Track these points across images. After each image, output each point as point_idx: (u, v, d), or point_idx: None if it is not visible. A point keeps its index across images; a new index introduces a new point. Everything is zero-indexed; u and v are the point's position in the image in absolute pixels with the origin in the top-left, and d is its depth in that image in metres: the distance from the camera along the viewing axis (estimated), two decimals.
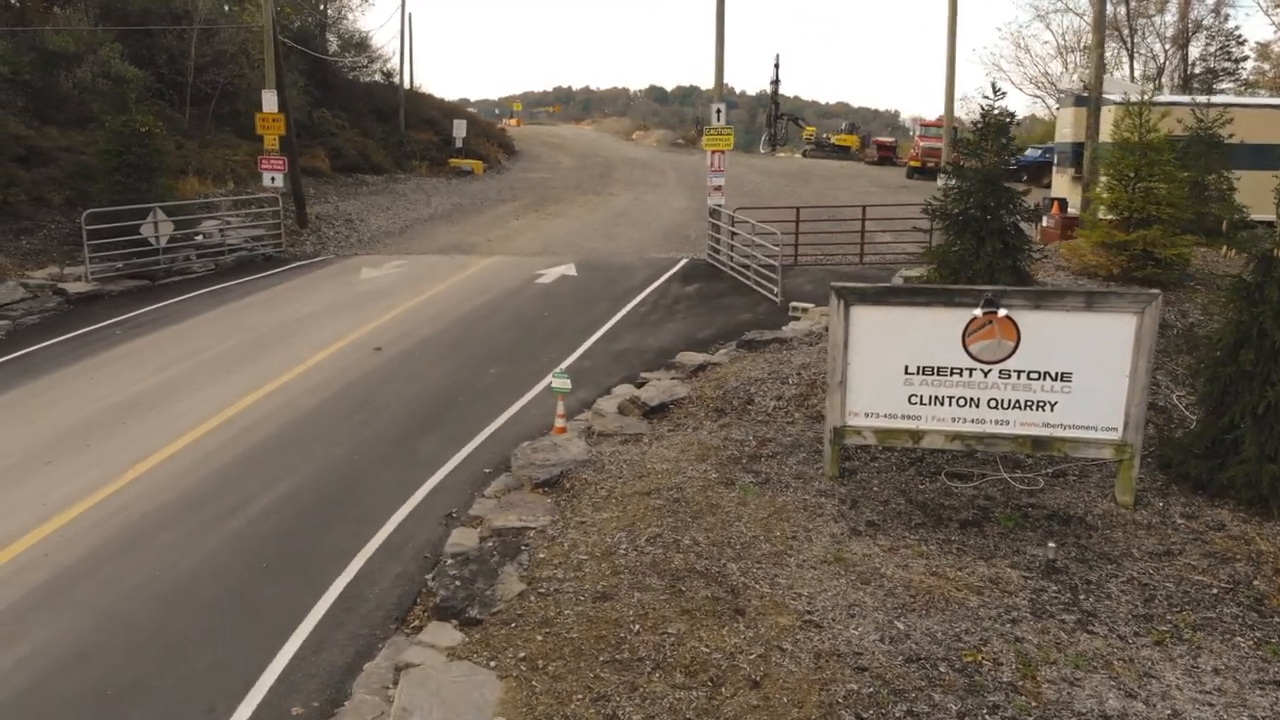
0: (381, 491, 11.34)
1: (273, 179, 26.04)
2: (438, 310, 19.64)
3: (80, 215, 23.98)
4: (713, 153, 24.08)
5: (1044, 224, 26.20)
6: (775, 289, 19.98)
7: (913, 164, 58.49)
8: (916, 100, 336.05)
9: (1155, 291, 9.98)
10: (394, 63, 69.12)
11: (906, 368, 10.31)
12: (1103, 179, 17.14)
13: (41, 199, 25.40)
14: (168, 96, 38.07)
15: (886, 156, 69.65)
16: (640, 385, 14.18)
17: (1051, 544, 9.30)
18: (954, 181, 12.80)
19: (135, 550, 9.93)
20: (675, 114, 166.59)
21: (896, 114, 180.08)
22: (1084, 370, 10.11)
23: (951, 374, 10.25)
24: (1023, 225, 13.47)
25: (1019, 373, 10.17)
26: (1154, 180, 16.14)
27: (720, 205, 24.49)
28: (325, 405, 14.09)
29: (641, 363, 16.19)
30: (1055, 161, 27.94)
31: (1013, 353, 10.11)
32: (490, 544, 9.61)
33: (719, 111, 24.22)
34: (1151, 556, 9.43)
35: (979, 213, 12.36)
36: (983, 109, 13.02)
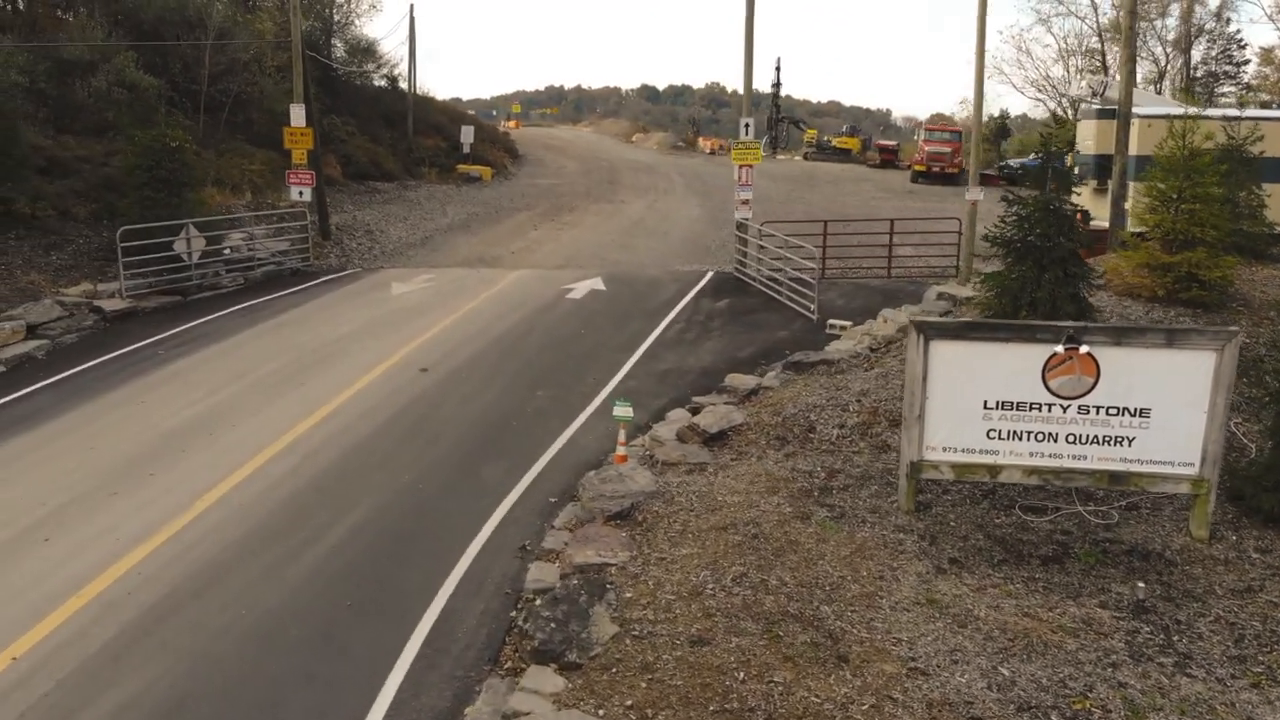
0: (451, 522, 11.36)
1: (300, 193, 26.01)
2: (475, 328, 19.64)
3: (108, 229, 23.98)
4: (741, 166, 24.11)
5: None
6: (811, 306, 20.02)
7: (917, 168, 58.60)
8: (909, 99, 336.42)
9: (1235, 329, 10.05)
10: (400, 68, 69.13)
11: (985, 402, 10.36)
12: (1144, 199, 17.18)
13: (67, 213, 25.32)
14: (181, 105, 37.99)
15: (888, 160, 69.80)
16: (695, 411, 14.20)
17: (1140, 584, 9.37)
18: (1013, 208, 12.85)
19: (217, 587, 9.93)
20: (667, 113, 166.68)
21: (888, 112, 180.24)
22: (1162, 406, 10.17)
23: (1030, 409, 10.30)
24: None
25: (1098, 408, 10.23)
26: (1196, 202, 16.20)
27: (747, 219, 24.54)
28: (382, 430, 14.09)
29: (687, 384, 16.23)
30: (1078, 173, 28.00)
31: (1092, 388, 10.16)
32: (575, 582, 9.62)
33: (747, 126, 24.28)
34: (1234, 594, 9.50)
35: (1039, 241, 12.42)
36: (1042, 135, 13.05)
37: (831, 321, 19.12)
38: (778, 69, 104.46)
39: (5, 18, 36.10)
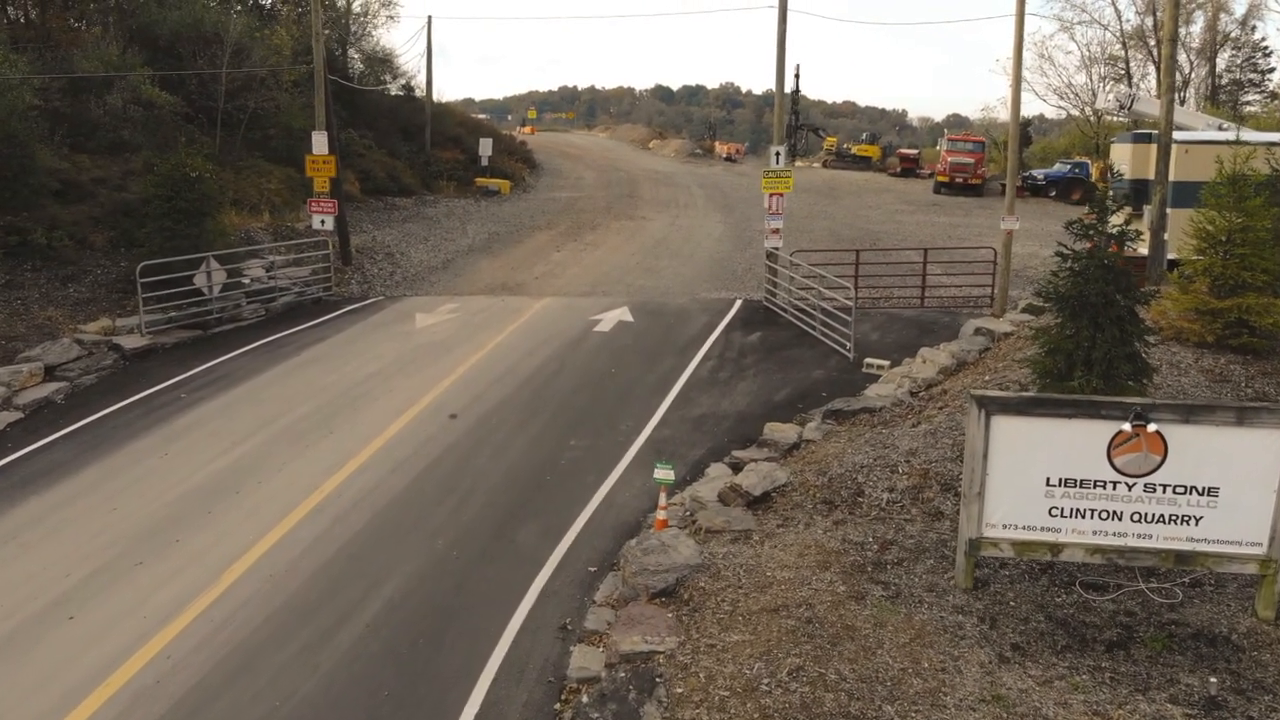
0: (489, 596, 10.99)
1: (323, 222, 25.67)
2: (504, 366, 19.28)
3: (126, 258, 23.72)
4: (771, 195, 23.69)
5: None
6: (847, 344, 19.57)
7: (939, 178, 58.05)
8: (925, 101, 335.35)
9: None
10: (418, 79, 69.00)
11: (1048, 479, 9.93)
12: (1189, 240, 16.67)
13: (85, 241, 25.06)
14: (198, 121, 37.77)
15: (909, 168, 69.25)
16: (736, 467, 13.81)
17: (1212, 679, 8.92)
18: (1068, 263, 12.38)
19: (250, 674, 9.58)
20: (681, 114, 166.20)
21: (904, 113, 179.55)
22: (1231, 485, 9.74)
23: (1095, 486, 9.87)
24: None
25: (1165, 486, 9.79)
26: (1246, 246, 15.71)
27: (778, 248, 24.12)
28: (414, 487, 13.73)
29: (724, 431, 15.84)
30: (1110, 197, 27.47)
31: (1159, 466, 9.73)
32: (621, 674, 9.23)
33: (778, 155, 23.85)
34: None
35: (1097, 298, 11.96)
36: (1104, 181, 12.56)
37: (869, 361, 18.69)
38: (796, 75, 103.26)
39: (19, 30, 35.86)
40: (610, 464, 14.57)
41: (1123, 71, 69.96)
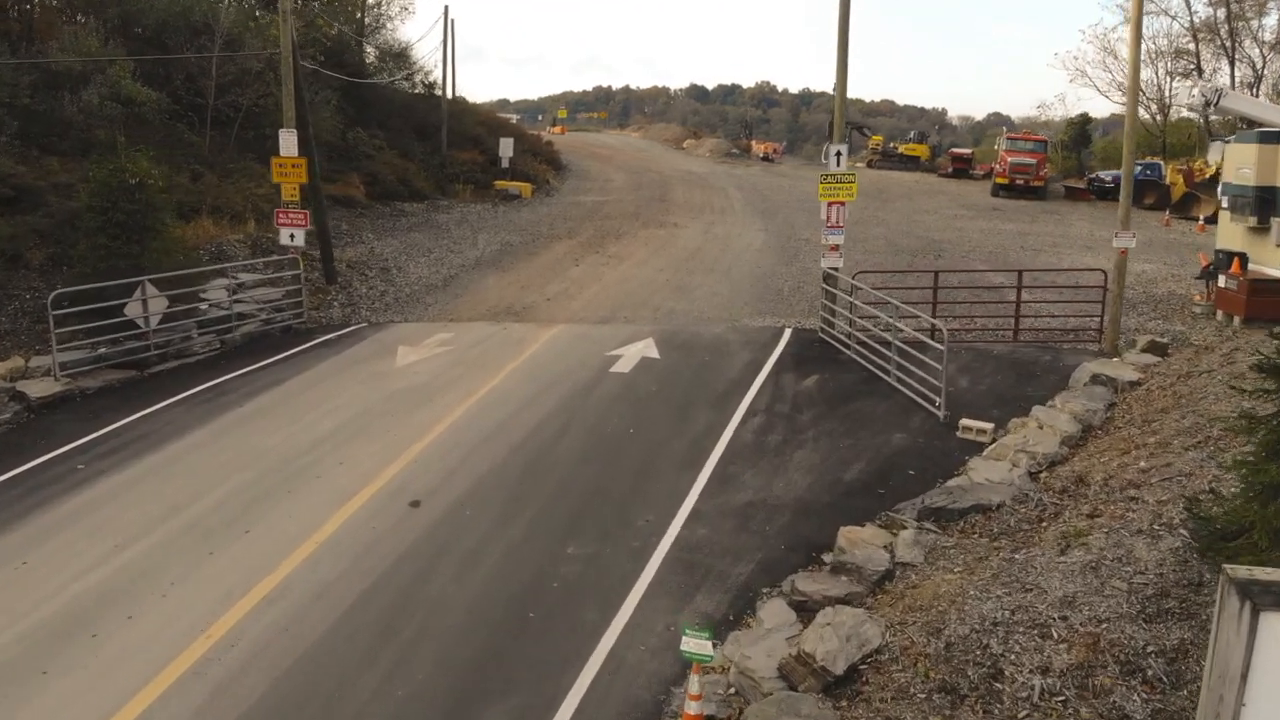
0: None
1: (292, 236, 21.69)
2: (493, 423, 15.21)
3: (64, 280, 19.93)
4: (830, 205, 19.45)
5: (1220, 284, 21.35)
6: (935, 398, 15.30)
7: (998, 180, 53.54)
8: (964, 100, 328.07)
9: None
10: (436, 75, 65.32)
11: None
12: None
13: (19, 258, 21.31)
14: (187, 119, 34.27)
15: (961, 169, 64.85)
16: (801, 607, 9.62)
17: None
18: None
19: None
20: (716, 113, 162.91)
21: (944, 112, 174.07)
22: None
23: None
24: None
25: None
26: None
27: (837, 268, 19.89)
28: (341, 629, 9.66)
29: (778, 531, 11.68)
30: (1228, 205, 23.02)
31: None
32: None
33: (838, 155, 19.58)
34: None
35: None
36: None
37: (965, 423, 14.43)
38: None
39: (9, 24, 32.57)
40: (620, 590, 10.42)
41: (1192, 66, 65.05)
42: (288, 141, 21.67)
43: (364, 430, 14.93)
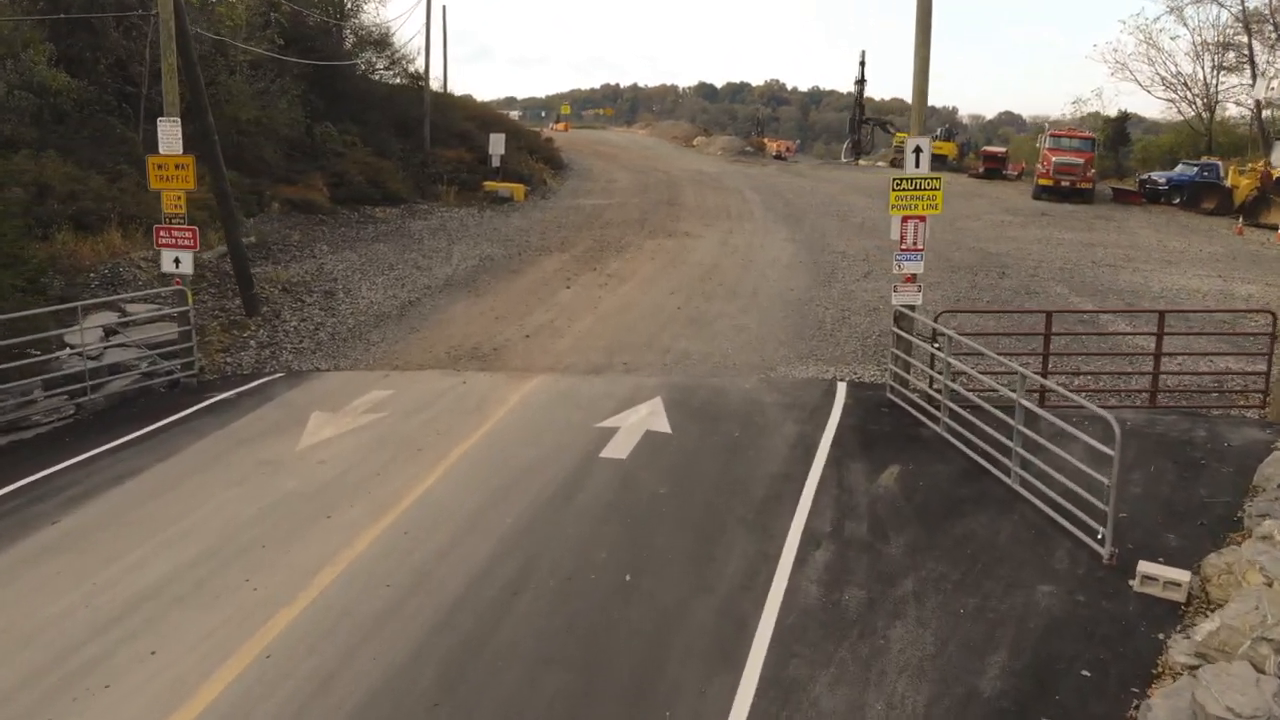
0: None
1: (177, 261, 16.24)
2: (409, 572, 9.80)
3: None
4: (904, 220, 14.06)
5: None
6: (1101, 534, 9.79)
7: (1042, 181, 47.97)
8: (974, 98, 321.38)
9: None
10: (420, 63, 59.95)
11: None
12: None
13: None
14: (120, 111, 29.16)
15: (994, 168, 59.30)
16: None
17: None
18: None
19: None
20: (725, 111, 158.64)
21: (954, 110, 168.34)
22: None
23: None
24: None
25: None
26: None
27: (914, 306, 14.46)
28: None
29: None
30: None
31: None
32: None
33: (918, 152, 14.16)
34: None
35: None
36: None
37: (1147, 571, 8.96)
38: (862, 64, 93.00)
39: None
40: None
41: (1244, 59, 59.62)
42: (168, 135, 16.23)
43: (206, 582, 9.54)
